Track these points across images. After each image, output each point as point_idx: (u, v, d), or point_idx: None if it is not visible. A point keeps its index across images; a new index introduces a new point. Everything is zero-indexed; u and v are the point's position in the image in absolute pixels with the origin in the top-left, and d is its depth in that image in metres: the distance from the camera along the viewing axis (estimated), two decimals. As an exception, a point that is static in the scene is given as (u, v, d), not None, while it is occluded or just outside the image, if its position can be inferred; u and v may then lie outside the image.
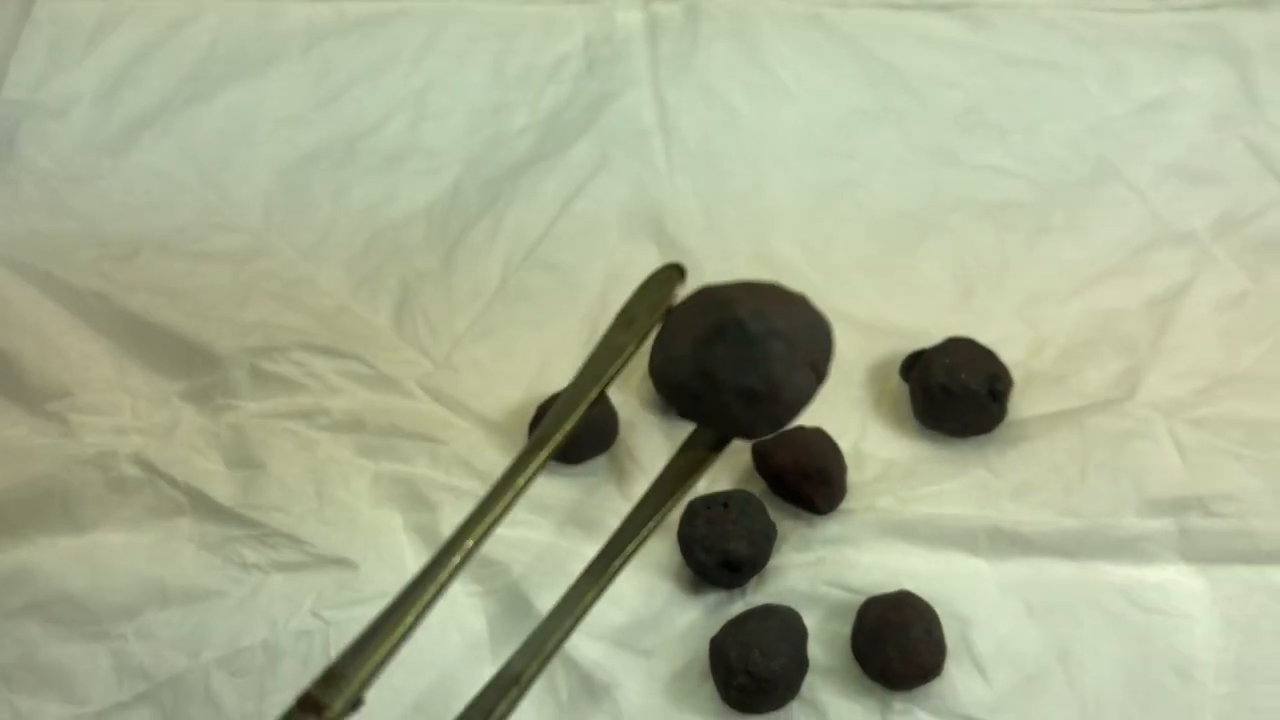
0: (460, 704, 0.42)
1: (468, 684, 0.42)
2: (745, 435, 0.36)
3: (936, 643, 0.42)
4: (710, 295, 0.36)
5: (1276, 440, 0.47)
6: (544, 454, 0.35)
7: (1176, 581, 0.45)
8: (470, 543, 0.34)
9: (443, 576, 0.33)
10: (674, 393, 0.36)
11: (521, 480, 0.35)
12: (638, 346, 0.36)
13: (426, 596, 0.33)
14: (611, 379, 0.36)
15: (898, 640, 0.42)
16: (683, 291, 0.36)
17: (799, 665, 0.42)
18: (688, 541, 0.44)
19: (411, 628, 0.33)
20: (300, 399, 0.48)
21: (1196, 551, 0.45)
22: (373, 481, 0.47)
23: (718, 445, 0.37)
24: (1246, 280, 0.51)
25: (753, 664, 0.41)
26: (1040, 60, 0.57)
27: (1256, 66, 0.57)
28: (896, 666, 0.42)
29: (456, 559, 0.34)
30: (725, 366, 0.35)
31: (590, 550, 0.45)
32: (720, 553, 0.44)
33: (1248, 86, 0.57)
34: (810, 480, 0.45)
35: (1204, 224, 0.53)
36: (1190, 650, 0.44)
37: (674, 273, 0.37)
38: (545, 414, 0.46)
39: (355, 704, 0.32)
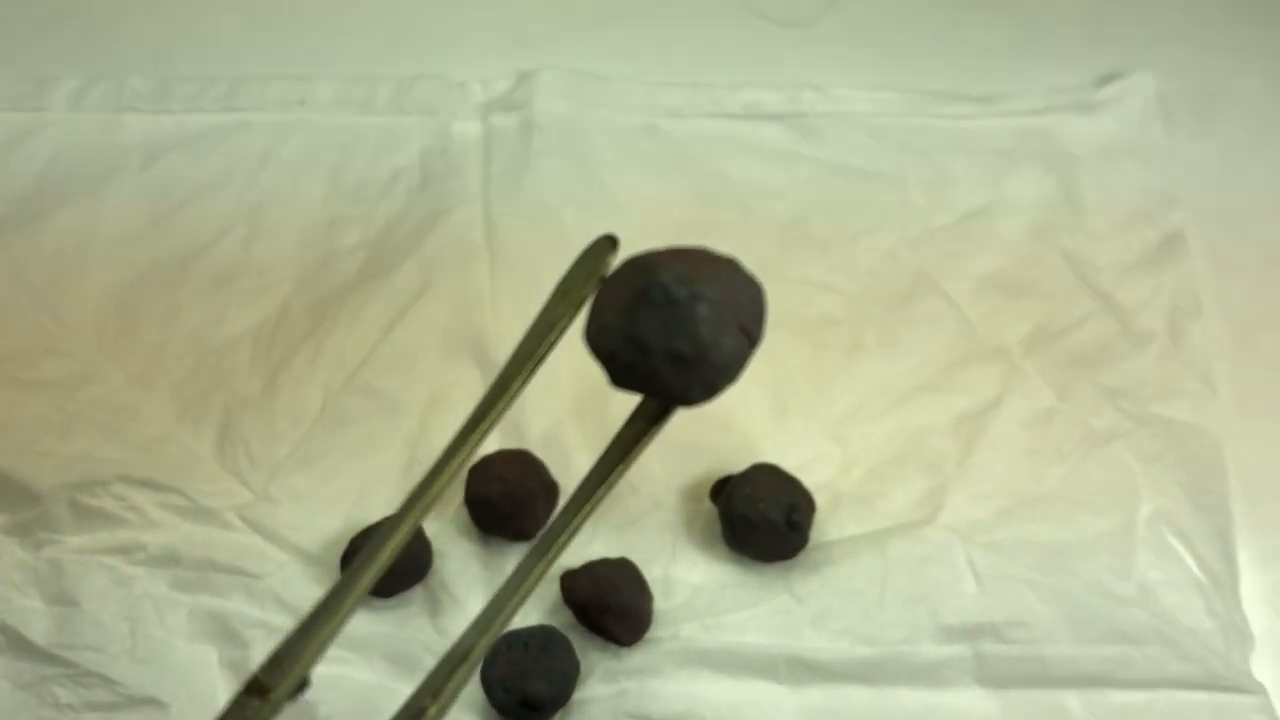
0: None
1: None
2: (681, 401, 0.37)
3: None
4: (637, 262, 0.37)
5: (1067, 565, 0.48)
6: (480, 433, 0.38)
7: (972, 706, 0.47)
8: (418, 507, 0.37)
9: (384, 558, 0.36)
10: (607, 361, 0.37)
11: (457, 462, 0.38)
12: (573, 317, 0.38)
13: (368, 579, 0.36)
14: (549, 349, 0.38)
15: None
16: (615, 261, 0.38)
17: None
18: (488, 682, 0.45)
19: (351, 611, 0.36)
20: (119, 533, 0.49)
21: (991, 677, 0.47)
22: (188, 617, 0.47)
23: (659, 416, 0.39)
24: (1054, 397, 0.53)
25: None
26: (866, 170, 0.59)
27: (1080, 173, 0.59)
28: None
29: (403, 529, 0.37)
30: (653, 331, 0.35)
31: (405, 688, 0.46)
32: (519, 692, 0.45)
33: (1070, 194, 0.58)
34: (611, 614, 0.46)
35: (1016, 339, 0.54)
36: (981, 775, 0.45)
37: (606, 243, 0.38)
38: (359, 547, 0.47)
39: (301, 685, 0.35)
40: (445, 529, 0.50)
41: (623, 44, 0.63)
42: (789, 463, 0.50)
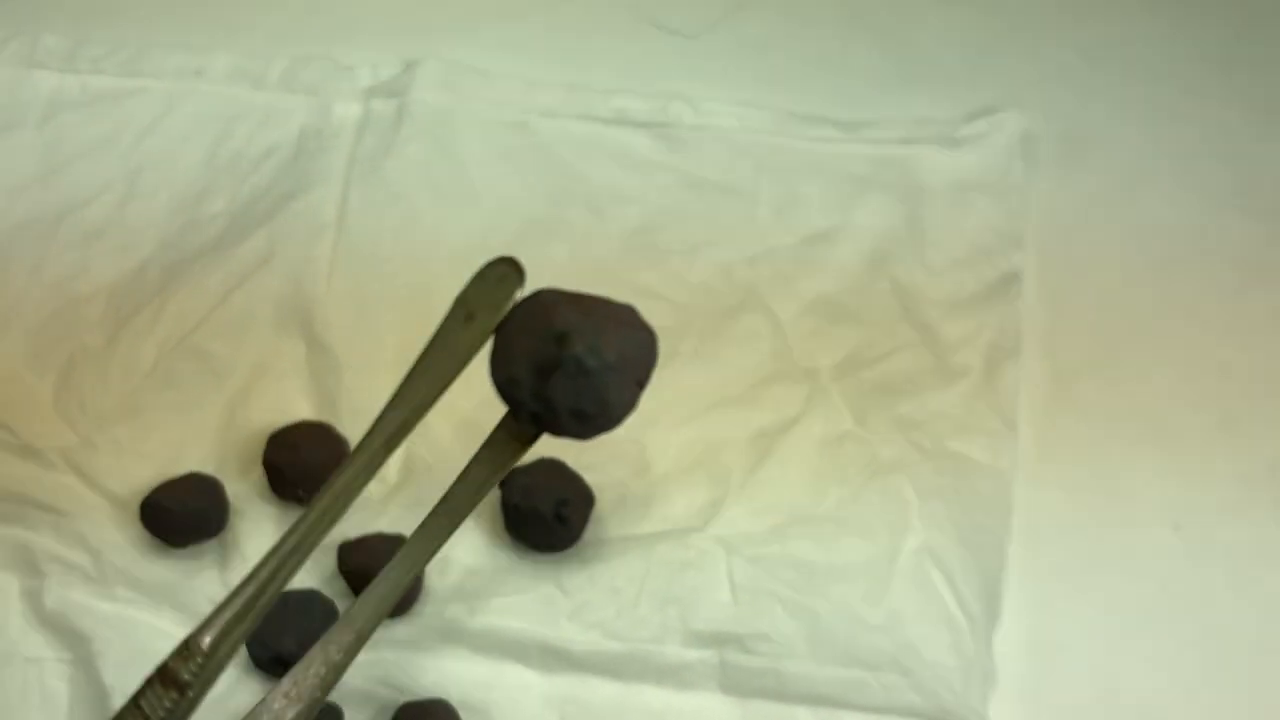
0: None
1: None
2: (573, 438, 0.41)
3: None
4: (545, 316, 0.40)
5: (822, 586, 0.50)
6: (387, 452, 0.41)
7: (711, 710, 0.48)
8: (320, 507, 0.40)
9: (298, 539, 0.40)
10: (512, 405, 0.41)
11: (364, 480, 0.41)
12: (480, 346, 0.40)
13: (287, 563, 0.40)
14: (455, 376, 0.40)
15: (410, 748, 0.46)
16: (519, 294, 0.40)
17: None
18: (249, 636, 0.48)
19: (265, 590, 0.40)
20: (-51, 464, 0.52)
21: (733, 684, 0.49)
22: (0, 546, 0.51)
23: (530, 440, 0.42)
24: (851, 422, 0.54)
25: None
26: (721, 184, 0.60)
27: (930, 206, 0.59)
28: (405, 773, 0.46)
29: (309, 521, 0.40)
30: (562, 395, 0.39)
31: (179, 631, 0.49)
32: (272, 649, 0.47)
33: (915, 226, 0.59)
34: (374, 586, 0.49)
35: (830, 362, 0.55)
36: (702, 777, 0.47)
37: (511, 271, 0.40)
38: (154, 502, 0.50)
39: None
40: (246, 490, 0.52)
41: (513, 40, 0.65)
42: (584, 459, 0.52)
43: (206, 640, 0.40)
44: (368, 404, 0.53)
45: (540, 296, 0.40)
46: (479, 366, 0.42)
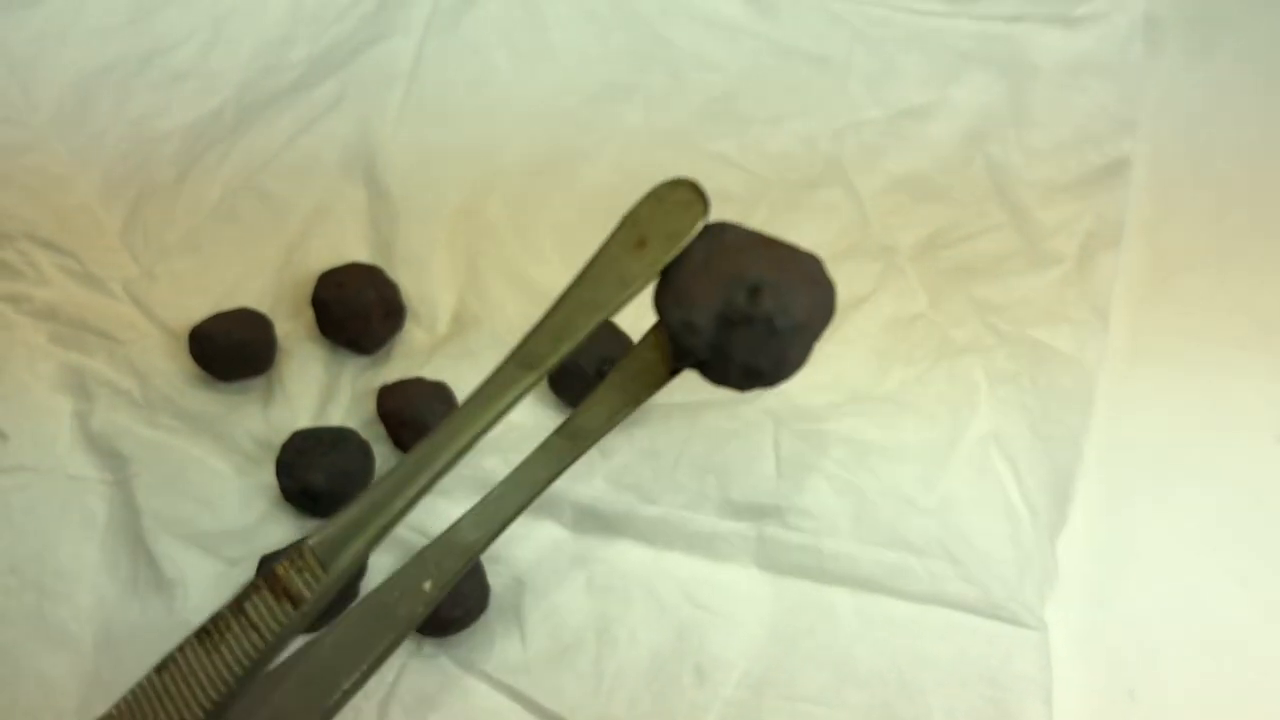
0: (59, 578, 0.47)
1: (70, 562, 0.47)
2: (733, 388, 0.36)
3: (460, 598, 0.44)
4: (734, 261, 0.34)
5: (874, 465, 0.47)
6: (535, 376, 0.35)
7: (742, 584, 0.46)
8: (445, 457, 0.35)
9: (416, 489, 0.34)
10: (681, 350, 0.36)
11: (504, 402, 0.35)
12: (650, 279, 0.35)
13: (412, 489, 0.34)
14: (619, 307, 0.35)
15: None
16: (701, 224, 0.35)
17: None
18: (279, 466, 0.47)
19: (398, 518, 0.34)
20: (15, 285, 0.53)
21: (770, 560, 0.46)
22: (57, 369, 0.51)
23: (674, 375, 0.38)
24: (926, 303, 0.50)
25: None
26: (813, 54, 0.57)
27: (1036, 86, 0.55)
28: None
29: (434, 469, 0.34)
30: (741, 349, 0.35)
31: (221, 465, 0.49)
32: (302, 480, 0.47)
33: (1018, 106, 0.55)
34: (407, 428, 0.48)
35: (910, 240, 0.52)
36: (724, 652, 0.45)
37: (695, 198, 0.34)
38: (202, 332, 0.50)
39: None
40: (296, 330, 0.52)
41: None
42: (640, 326, 0.50)
43: (314, 545, 0.34)
44: (422, 253, 0.53)
45: (726, 235, 0.35)
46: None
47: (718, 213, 0.53)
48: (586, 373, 0.47)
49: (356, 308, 0.49)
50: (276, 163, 0.55)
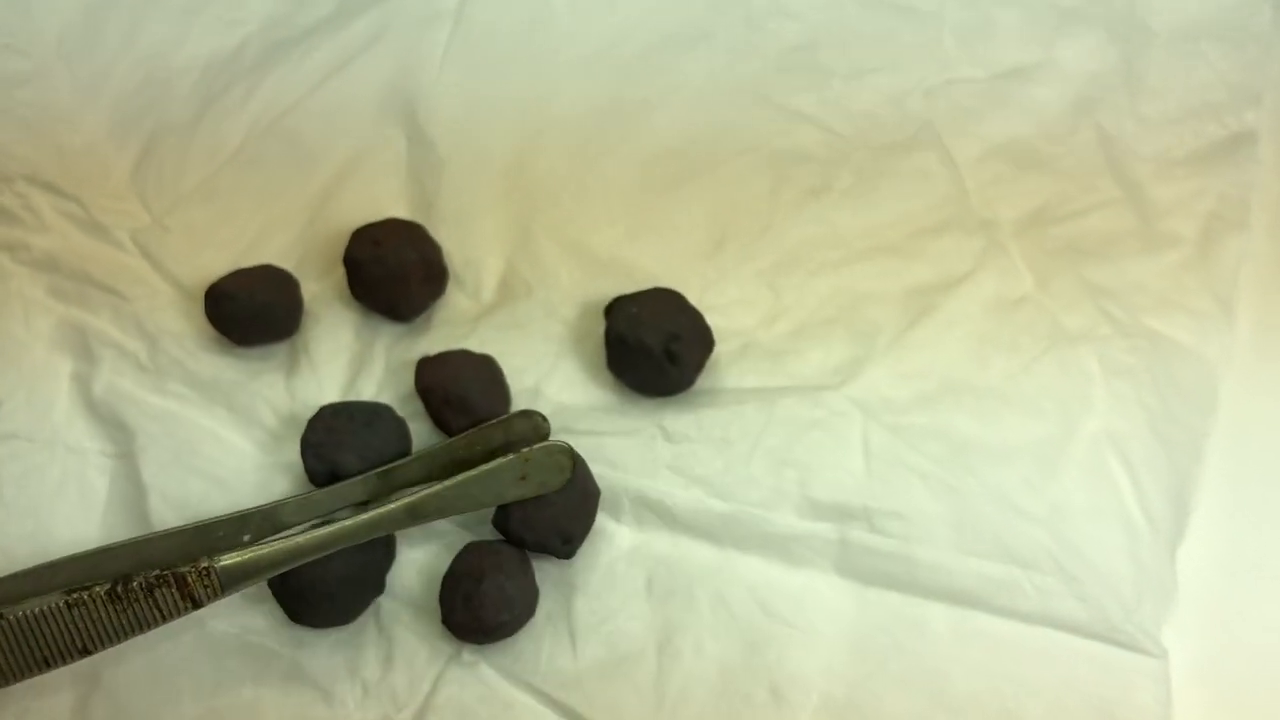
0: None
1: (66, 544, 0.42)
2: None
3: (507, 600, 0.39)
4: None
5: (975, 465, 0.42)
6: (415, 524, 0.40)
7: (821, 593, 0.41)
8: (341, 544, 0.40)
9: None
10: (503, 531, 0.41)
11: (383, 532, 0.40)
12: (515, 500, 0.40)
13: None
14: (490, 507, 0.41)
15: (466, 589, 0.39)
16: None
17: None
18: (304, 445, 0.42)
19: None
20: (12, 231, 0.48)
21: (853, 567, 0.41)
22: (56, 325, 0.46)
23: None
24: (1032, 284, 0.45)
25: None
26: (900, 4, 0.51)
27: (1152, 50, 0.50)
28: (459, 616, 0.39)
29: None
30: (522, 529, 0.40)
31: (235, 438, 0.44)
32: (330, 461, 0.42)
33: (1131, 71, 0.49)
34: (450, 405, 0.42)
35: (1013, 215, 0.47)
36: (801, 670, 0.40)
37: (570, 463, 0.40)
38: (220, 290, 0.44)
39: None
40: (324, 291, 0.47)
41: None
42: (707, 301, 0.45)
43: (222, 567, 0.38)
44: (468, 210, 0.48)
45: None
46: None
47: (794, 174, 0.48)
48: (653, 351, 0.42)
49: (394, 269, 0.44)
50: (306, 105, 0.50)
